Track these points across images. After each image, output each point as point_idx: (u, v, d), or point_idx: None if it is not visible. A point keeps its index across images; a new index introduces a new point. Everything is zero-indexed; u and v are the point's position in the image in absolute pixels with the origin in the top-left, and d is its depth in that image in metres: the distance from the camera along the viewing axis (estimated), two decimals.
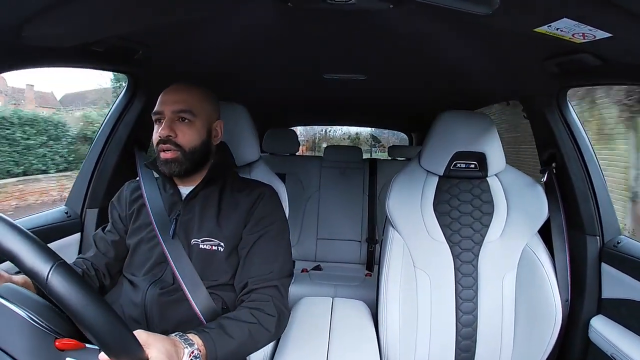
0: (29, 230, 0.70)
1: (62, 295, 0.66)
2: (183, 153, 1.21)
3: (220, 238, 1.22)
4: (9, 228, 0.68)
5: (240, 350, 1.05)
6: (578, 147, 1.60)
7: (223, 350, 0.97)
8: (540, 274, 1.51)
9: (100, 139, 1.78)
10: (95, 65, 1.48)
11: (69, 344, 0.76)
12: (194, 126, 1.23)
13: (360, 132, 19.47)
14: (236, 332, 1.03)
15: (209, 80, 2.01)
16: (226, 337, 1.00)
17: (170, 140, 1.20)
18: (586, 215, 1.58)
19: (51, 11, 0.91)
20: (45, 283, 0.66)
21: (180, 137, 1.21)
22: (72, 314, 0.67)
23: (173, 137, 1.20)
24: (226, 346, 0.98)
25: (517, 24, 1.02)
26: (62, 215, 1.67)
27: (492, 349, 1.54)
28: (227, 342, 0.99)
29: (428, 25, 1.18)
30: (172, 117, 1.21)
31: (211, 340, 0.95)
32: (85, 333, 0.69)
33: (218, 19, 1.23)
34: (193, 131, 1.23)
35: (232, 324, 1.05)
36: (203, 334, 0.95)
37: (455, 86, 2.07)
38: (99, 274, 1.29)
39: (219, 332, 1.00)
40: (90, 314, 0.67)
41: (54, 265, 0.67)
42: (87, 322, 0.67)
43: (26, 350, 0.74)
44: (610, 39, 0.93)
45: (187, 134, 1.22)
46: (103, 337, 0.68)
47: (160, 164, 1.23)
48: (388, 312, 1.53)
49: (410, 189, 1.66)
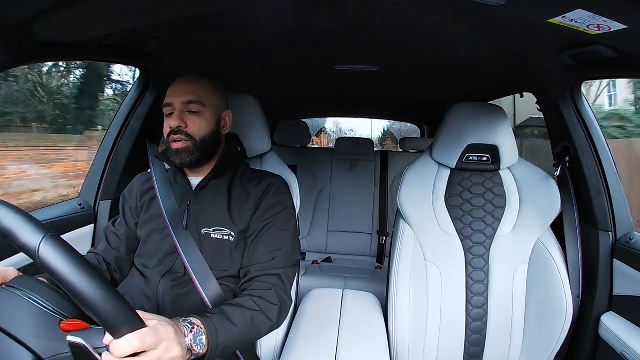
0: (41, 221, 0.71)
1: (53, 267, 0.65)
2: (194, 143, 1.23)
3: (231, 227, 1.23)
4: (1, 206, 0.68)
5: (242, 337, 1.04)
6: (592, 141, 1.57)
7: (225, 335, 0.97)
8: (551, 269, 1.49)
9: (112, 131, 1.80)
10: (106, 58, 1.50)
11: (74, 325, 0.76)
12: (204, 116, 1.25)
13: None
14: (238, 319, 1.03)
15: (221, 73, 2.02)
16: (228, 322, 1.00)
17: (181, 130, 1.22)
18: (599, 210, 1.56)
19: (62, 6, 0.91)
20: (36, 255, 0.66)
21: (190, 127, 1.23)
22: (64, 285, 0.66)
23: (183, 127, 1.22)
24: (228, 332, 0.98)
25: (530, 14, 1.00)
26: (76, 207, 1.69)
27: (502, 344, 1.53)
28: (229, 328, 0.99)
29: (440, 16, 1.17)
30: (181, 108, 1.23)
31: (213, 325, 0.95)
32: (82, 307, 0.69)
33: (229, 13, 1.23)
34: (203, 121, 1.25)
35: (234, 310, 1.04)
36: (205, 319, 0.95)
37: (467, 78, 2.05)
38: (111, 268, 1.31)
39: (221, 317, 1.00)
40: (83, 284, 0.66)
41: (44, 238, 0.66)
42: (80, 292, 0.66)
43: (31, 333, 0.75)
44: (625, 31, 0.91)
45: (197, 124, 1.23)
46: (99, 310, 0.67)
47: (171, 155, 1.24)
48: (398, 304, 1.53)
49: (422, 181, 1.65)
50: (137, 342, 0.71)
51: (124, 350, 0.70)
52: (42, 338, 0.76)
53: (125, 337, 0.70)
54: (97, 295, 0.66)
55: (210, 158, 1.30)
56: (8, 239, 0.67)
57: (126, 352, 0.70)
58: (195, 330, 0.90)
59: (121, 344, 0.70)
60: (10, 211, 0.68)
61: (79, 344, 0.70)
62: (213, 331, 0.95)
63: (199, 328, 0.92)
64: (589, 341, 1.54)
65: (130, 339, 0.70)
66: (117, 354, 0.70)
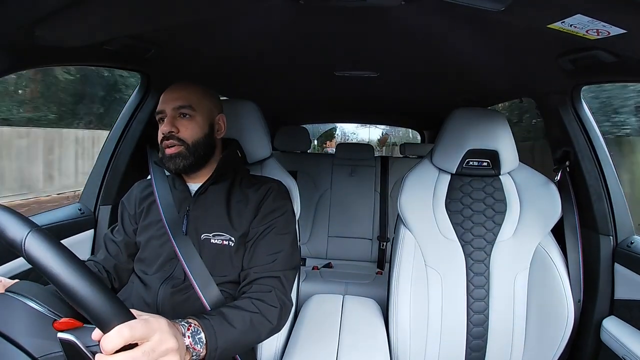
0: (41, 226, 0.71)
1: (38, 259, 0.64)
2: (187, 147, 1.23)
3: (230, 232, 1.23)
4: None
5: (242, 340, 1.03)
6: (592, 145, 1.57)
7: (224, 337, 0.95)
8: (552, 273, 1.49)
9: (113, 136, 1.81)
10: (107, 63, 1.50)
11: (66, 324, 0.74)
12: (195, 120, 1.25)
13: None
14: (237, 321, 1.02)
15: (221, 79, 2.03)
16: (227, 325, 0.99)
17: (173, 135, 1.22)
18: (600, 214, 1.56)
19: (63, 12, 0.92)
20: (22, 249, 0.65)
21: (182, 132, 1.23)
22: (50, 278, 0.65)
23: (175, 132, 1.22)
24: (227, 334, 0.97)
25: (530, 20, 1.01)
26: (76, 212, 1.69)
27: (503, 349, 1.52)
28: (228, 330, 0.98)
29: (440, 21, 1.18)
30: (173, 114, 1.24)
31: (211, 328, 0.94)
32: (69, 301, 0.66)
33: (229, 19, 1.24)
34: (194, 125, 1.25)
35: (233, 312, 1.04)
36: (203, 321, 0.94)
37: (467, 83, 2.06)
38: (110, 276, 1.30)
39: (220, 319, 0.98)
40: (69, 276, 0.64)
41: (30, 232, 0.65)
42: (66, 285, 0.64)
43: (25, 333, 0.75)
44: (624, 35, 0.92)
45: (188, 128, 1.24)
46: (86, 301, 0.65)
47: (165, 161, 1.25)
48: (399, 310, 1.53)
49: (422, 186, 1.65)
50: (127, 332, 0.66)
51: (113, 343, 0.65)
52: (35, 337, 0.75)
53: (114, 329, 0.65)
54: (83, 288, 0.64)
55: (206, 162, 1.30)
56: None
57: (116, 344, 0.65)
58: (192, 328, 0.89)
59: (110, 336, 0.65)
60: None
61: (69, 341, 0.68)
62: (212, 333, 0.93)
63: (196, 326, 0.90)
64: (591, 346, 1.53)
65: (119, 329, 0.66)
66: (107, 348, 0.65)
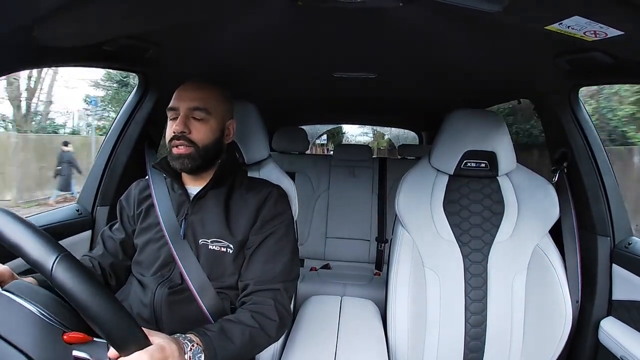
0: (39, 227, 0.71)
1: (67, 287, 0.66)
2: (196, 149, 1.21)
3: (229, 239, 1.22)
4: (13, 220, 0.69)
5: (240, 354, 1.04)
6: (590, 146, 1.58)
7: (223, 354, 0.97)
8: (550, 274, 1.49)
9: (111, 137, 1.80)
10: (106, 64, 1.50)
11: (77, 338, 0.76)
12: (208, 124, 1.23)
13: None
14: (237, 337, 1.02)
15: (219, 79, 2.02)
16: (227, 340, 1.00)
17: (184, 136, 1.19)
18: (597, 215, 1.56)
19: (62, 11, 0.91)
20: (50, 274, 0.66)
21: (194, 134, 1.21)
22: (77, 305, 0.67)
23: (187, 133, 1.20)
24: (227, 350, 0.98)
25: (527, 21, 1.01)
26: (74, 213, 1.68)
27: (501, 350, 1.52)
28: (227, 346, 0.99)
29: (438, 23, 1.18)
30: (187, 113, 1.21)
31: (211, 344, 0.95)
32: (90, 324, 0.70)
33: (228, 19, 1.23)
34: (207, 129, 1.23)
35: (233, 327, 1.04)
36: (204, 337, 0.95)
37: (465, 84, 2.06)
38: (105, 272, 1.29)
39: (220, 335, 0.99)
40: (96, 305, 0.67)
41: (58, 257, 0.67)
42: (93, 313, 0.67)
43: (34, 344, 0.74)
44: (622, 37, 0.92)
45: (201, 131, 1.21)
46: (109, 328, 0.68)
47: (171, 159, 1.22)
48: (397, 311, 1.53)
49: (420, 188, 1.65)
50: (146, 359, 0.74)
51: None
52: (44, 349, 0.75)
53: (134, 355, 0.72)
54: (108, 314, 0.68)
55: (210, 166, 1.28)
56: (18, 254, 0.68)
57: None
58: (194, 348, 0.91)
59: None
60: (22, 226, 0.69)
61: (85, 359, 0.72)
62: (211, 349, 0.94)
63: (197, 346, 0.92)
64: (589, 346, 1.54)
65: (140, 357, 0.73)
66: None
